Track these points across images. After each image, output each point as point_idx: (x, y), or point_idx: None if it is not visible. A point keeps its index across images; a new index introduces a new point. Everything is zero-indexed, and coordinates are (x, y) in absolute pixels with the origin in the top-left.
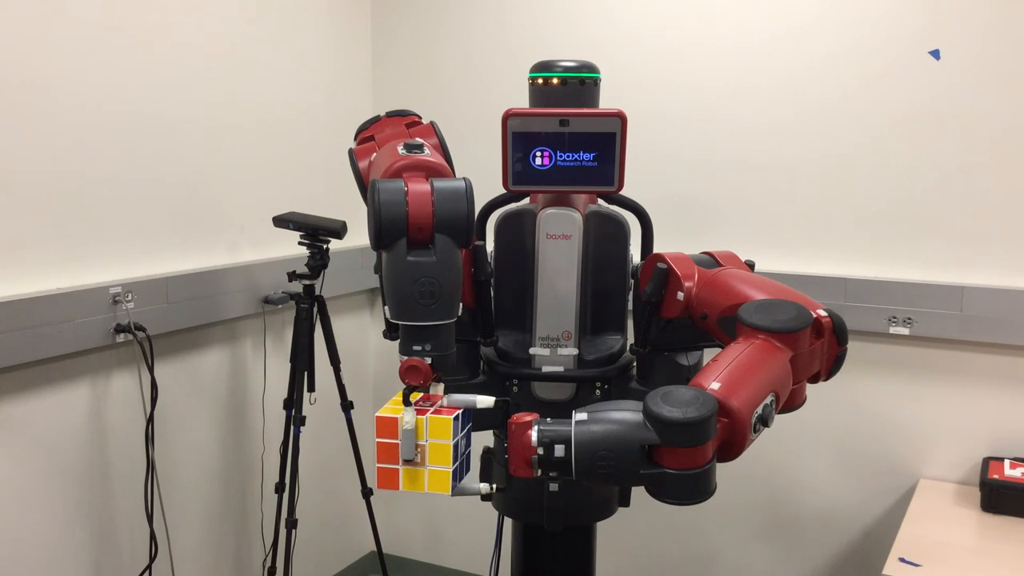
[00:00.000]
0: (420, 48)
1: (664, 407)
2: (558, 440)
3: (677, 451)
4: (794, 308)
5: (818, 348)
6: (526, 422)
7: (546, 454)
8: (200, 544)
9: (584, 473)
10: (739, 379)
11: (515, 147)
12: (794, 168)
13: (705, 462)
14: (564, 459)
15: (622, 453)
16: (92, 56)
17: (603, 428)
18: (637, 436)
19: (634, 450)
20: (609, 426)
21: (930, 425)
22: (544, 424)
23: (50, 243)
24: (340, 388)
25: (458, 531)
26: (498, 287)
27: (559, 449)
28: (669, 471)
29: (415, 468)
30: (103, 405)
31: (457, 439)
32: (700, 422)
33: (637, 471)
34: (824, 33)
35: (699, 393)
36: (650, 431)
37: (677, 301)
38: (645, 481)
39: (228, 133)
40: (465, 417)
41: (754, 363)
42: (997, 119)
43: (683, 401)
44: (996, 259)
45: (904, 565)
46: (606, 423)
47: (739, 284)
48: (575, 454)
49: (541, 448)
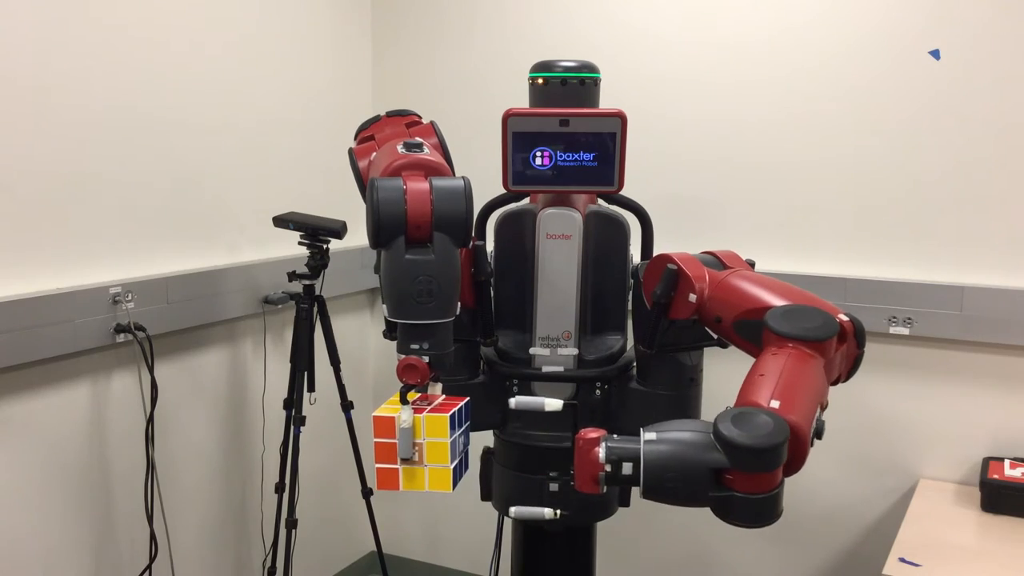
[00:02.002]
0: (420, 48)
1: (735, 431)
2: (626, 458)
3: (747, 475)
4: (820, 315)
5: (842, 352)
6: (593, 438)
7: (614, 471)
8: (200, 544)
9: (652, 492)
10: (793, 394)
11: (515, 147)
12: (794, 168)
13: (775, 486)
14: (632, 477)
15: (691, 475)
16: (92, 56)
17: (672, 448)
18: (707, 459)
19: (704, 473)
20: (678, 447)
21: (930, 425)
22: (612, 441)
23: (50, 243)
24: (340, 388)
25: (458, 531)
26: (498, 287)
27: (627, 467)
28: (738, 495)
29: (414, 467)
30: (103, 405)
31: (455, 436)
32: (774, 448)
33: (706, 493)
34: (824, 33)
35: (771, 417)
36: (720, 453)
37: (688, 303)
38: (713, 503)
39: (228, 133)
40: (463, 414)
41: (801, 376)
42: (997, 119)
43: (755, 425)
44: (996, 259)
45: (904, 565)
46: (675, 444)
47: (753, 288)
48: (644, 473)
49: (609, 465)
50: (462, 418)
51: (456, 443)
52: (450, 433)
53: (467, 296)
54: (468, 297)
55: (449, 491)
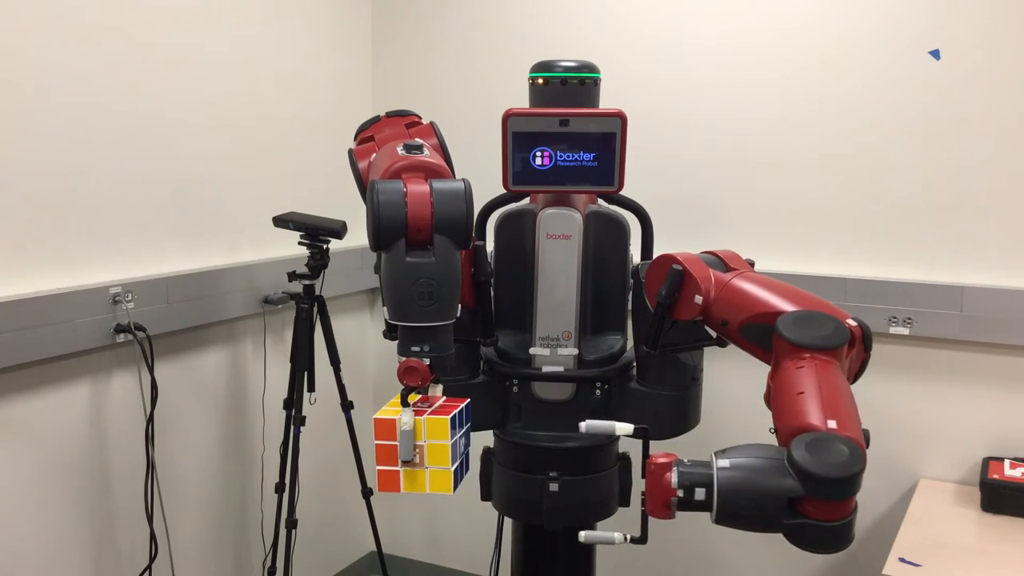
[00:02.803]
0: (420, 48)
1: (812, 460)
2: (699, 484)
3: (822, 503)
4: (831, 322)
5: (851, 356)
6: (665, 463)
7: (686, 497)
8: (200, 544)
9: (725, 518)
10: (842, 410)
11: (515, 147)
12: (794, 168)
13: (849, 513)
14: (704, 503)
15: (765, 503)
16: (92, 56)
17: (745, 475)
18: (782, 487)
19: (778, 500)
20: (752, 474)
21: (930, 425)
22: (684, 467)
23: (50, 243)
24: (340, 388)
25: (458, 531)
26: (498, 287)
27: (700, 492)
28: (812, 522)
29: (415, 469)
30: (103, 405)
31: (456, 439)
32: (852, 478)
33: (779, 520)
34: (824, 33)
35: (847, 445)
36: (794, 481)
37: (694, 305)
38: (786, 530)
39: (228, 133)
40: (464, 416)
41: (837, 388)
42: (997, 119)
43: (832, 453)
44: (996, 259)
45: (904, 565)
46: (749, 470)
47: (760, 291)
48: (718, 501)
49: (681, 491)
50: (463, 420)
51: (457, 445)
52: (451, 435)
53: (467, 296)
54: (468, 297)
55: (450, 493)
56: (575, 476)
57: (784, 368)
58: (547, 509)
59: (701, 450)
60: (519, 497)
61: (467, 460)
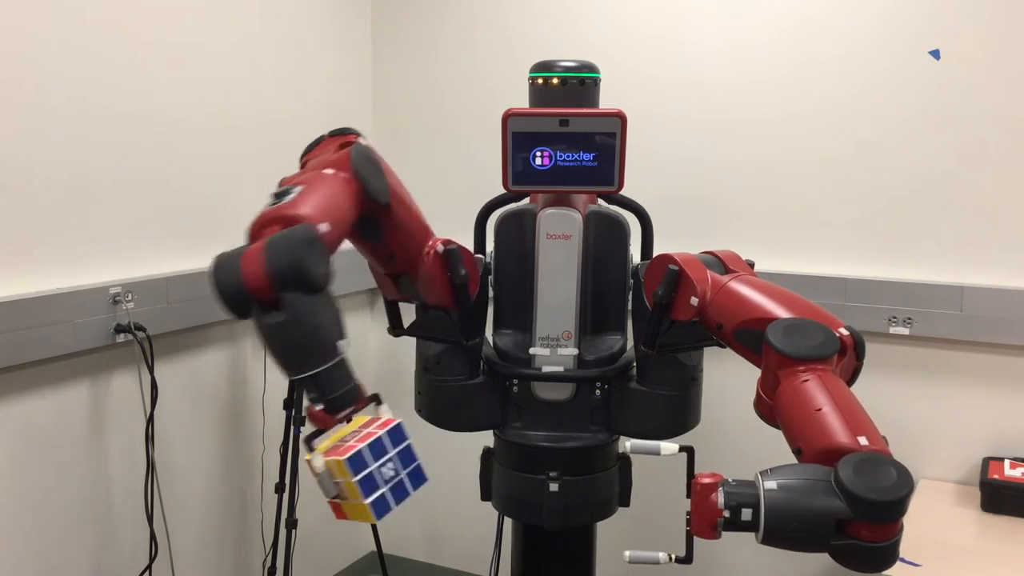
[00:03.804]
0: (420, 48)
1: (860, 482)
2: (745, 504)
3: (871, 525)
4: (821, 331)
5: (842, 365)
6: (710, 484)
7: (732, 517)
8: (200, 544)
9: (772, 539)
10: (865, 423)
11: (515, 147)
12: (794, 168)
13: (896, 534)
14: (751, 523)
15: (813, 525)
16: (92, 56)
17: (793, 497)
18: (830, 509)
19: (826, 522)
20: (799, 495)
21: (930, 425)
22: (729, 487)
23: (50, 243)
24: None
25: (458, 531)
26: (498, 287)
27: (746, 513)
28: (860, 543)
29: (347, 502)
30: (103, 405)
31: (369, 471)
32: (901, 501)
33: (827, 541)
34: (824, 33)
35: (895, 467)
36: (841, 503)
37: (690, 306)
38: (832, 551)
39: (228, 133)
40: (382, 444)
41: (850, 398)
42: (997, 119)
43: (880, 476)
44: (996, 259)
45: (904, 565)
46: (796, 492)
47: (755, 295)
48: (765, 522)
49: (727, 511)
50: (383, 448)
51: (373, 476)
52: (354, 472)
53: (446, 299)
54: (447, 300)
55: (373, 522)
56: (575, 476)
57: (787, 384)
58: (547, 509)
59: (701, 449)
60: (519, 497)
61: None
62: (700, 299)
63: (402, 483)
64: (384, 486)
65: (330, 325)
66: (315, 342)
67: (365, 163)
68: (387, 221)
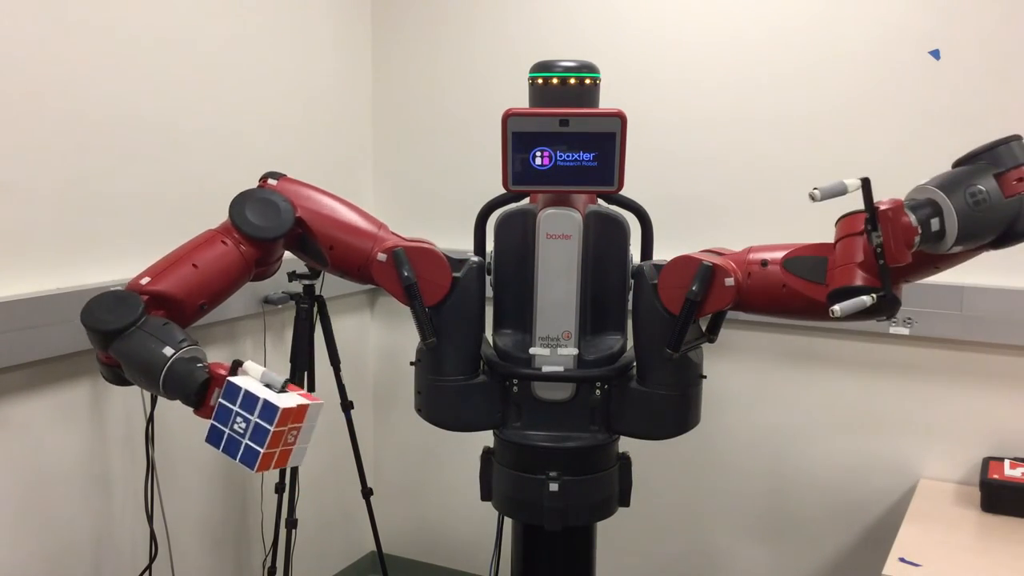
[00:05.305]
0: (420, 48)
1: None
2: (932, 216)
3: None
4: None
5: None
6: (899, 205)
7: (924, 231)
8: (200, 544)
9: (965, 239)
10: None
11: (515, 147)
12: (794, 168)
13: None
14: (939, 232)
15: (999, 207)
16: (92, 56)
17: (963, 194)
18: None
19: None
20: (962, 187)
21: (930, 425)
22: (913, 205)
23: (50, 243)
24: (340, 388)
25: (458, 531)
26: (498, 287)
27: (935, 223)
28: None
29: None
30: (103, 405)
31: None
32: None
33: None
34: (824, 33)
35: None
36: (991, 169)
37: (727, 288)
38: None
39: (228, 133)
40: (229, 394)
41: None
42: (997, 119)
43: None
44: (996, 259)
45: (904, 565)
46: (956, 182)
47: (788, 244)
48: (960, 225)
49: (919, 227)
50: (227, 410)
51: (234, 437)
52: (216, 446)
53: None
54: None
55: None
56: (575, 476)
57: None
58: (547, 509)
59: (701, 449)
60: (519, 497)
61: (262, 419)
62: (734, 275)
63: (258, 426)
64: (246, 438)
65: (149, 352)
66: (148, 369)
67: (240, 209)
68: (312, 240)
